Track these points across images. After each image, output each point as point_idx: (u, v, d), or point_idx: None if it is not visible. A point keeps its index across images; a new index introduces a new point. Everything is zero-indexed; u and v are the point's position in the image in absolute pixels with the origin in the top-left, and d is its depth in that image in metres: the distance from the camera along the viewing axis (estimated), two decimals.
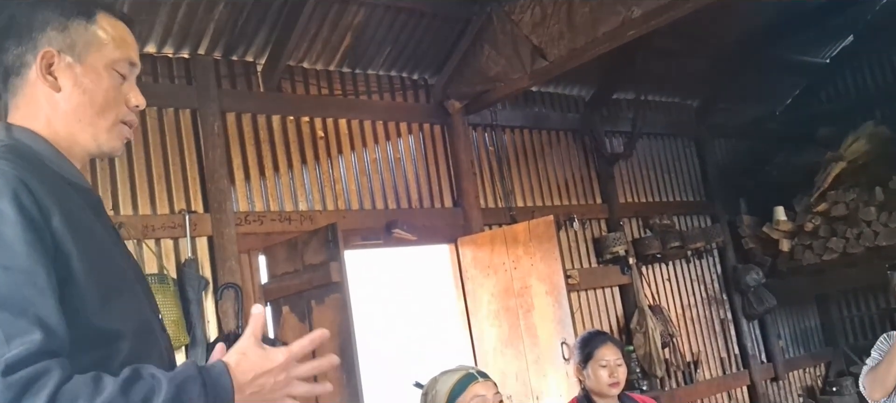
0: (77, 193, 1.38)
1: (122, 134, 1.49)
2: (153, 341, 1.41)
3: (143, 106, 1.52)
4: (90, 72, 1.43)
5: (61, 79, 1.41)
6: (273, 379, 1.32)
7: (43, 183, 1.28)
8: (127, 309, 1.35)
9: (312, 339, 1.39)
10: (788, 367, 8.37)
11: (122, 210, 4.56)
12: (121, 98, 1.47)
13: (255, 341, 1.33)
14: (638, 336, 6.84)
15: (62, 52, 1.41)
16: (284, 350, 1.34)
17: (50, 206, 1.25)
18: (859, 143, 7.36)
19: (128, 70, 1.50)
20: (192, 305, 4.56)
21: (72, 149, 1.44)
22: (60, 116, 1.41)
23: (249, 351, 1.31)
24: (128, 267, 1.46)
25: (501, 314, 5.82)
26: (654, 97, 8.02)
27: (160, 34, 4.79)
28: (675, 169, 8.19)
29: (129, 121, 1.50)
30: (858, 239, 7.17)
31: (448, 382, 2.55)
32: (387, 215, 5.68)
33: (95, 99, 1.43)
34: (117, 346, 1.28)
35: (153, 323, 1.44)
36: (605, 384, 3.39)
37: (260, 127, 5.28)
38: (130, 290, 1.40)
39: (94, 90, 1.43)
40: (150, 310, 1.46)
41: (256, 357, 1.31)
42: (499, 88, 5.97)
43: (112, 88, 1.45)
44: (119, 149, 1.50)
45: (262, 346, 1.33)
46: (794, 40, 8.22)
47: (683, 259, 7.67)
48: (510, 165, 6.64)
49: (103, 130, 1.45)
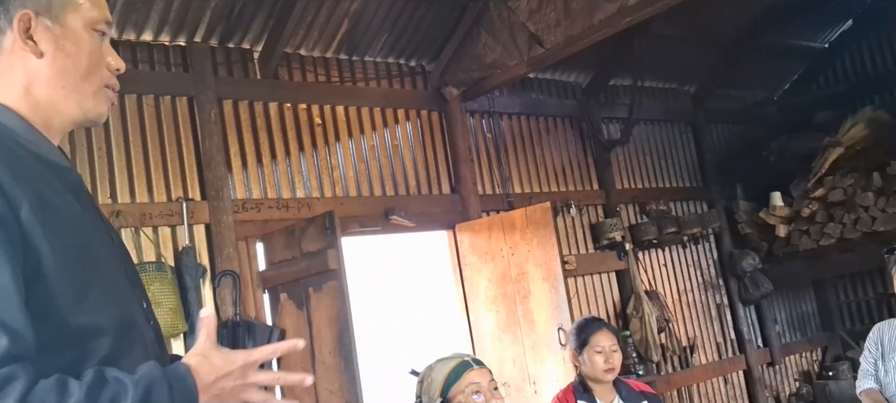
0: (54, 174, 1.30)
1: (108, 98, 1.42)
2: (136, 334, 1.33)
3: (123, 68, 1.44)
4: (70, 34, 1.35)
5: (42, 43, 1.32)
6: (232, 382, 1.28)
7: (13, 166, 1.20)
8: (107, 301, 1.27)
9: (276, 348, 1.37)
10: (785, 352, 8.41)
11: (120, 198, 4.58)
12: (103, 60, 1.40)
13: (212, 343, 1.30)
14: (634, 321, 6.87)
15: (39, 15, 1.32)
16: (244, 353, 1.31)
17: (18, 196, 1.17)
18: (857, 128, 7.36)
19: (106, 30, 1.42)
20: (190, 293, 4.58)
21: (52, 120, 1.35)
22: (42, 84, 1.32)
23: (209, 353, 1.28)
24: (110, 253, 1.37)
25: (499, 300, 5.84)
26: (651, 83, 8.01)
27: (156, 22, 4.79)
28: (672, 155, 8.20)
29: (112, 85, 1.43)
30: (856, 224, 7.18)
31: (443, 369, 2.57)
32: (384, 202, 5.69)
33: (79, 62, 1.35)
34: (95, 344, 1.21)
35: (137, 315, 1.36)
36: (600, 369, 3.41)
37: (257, 114, 5.28)
38: (112, 279, 1.32)
39: (78, 53, 1.35)
40: (134, 300, 1.38)
41: (217, 359, 1.28)
42: (496, 75, 5.97)
43: (94, 50, 1.38)
44: (105, 114, 1.42)
45: (221, 349, 1.30)
46: (792, 25, 8.20)
47: (680, 244, 7.70)
48: (508, 152, 6.65)
49: (89, 95, 1.37)
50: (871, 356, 3.87)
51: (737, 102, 8.93)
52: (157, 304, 4.30)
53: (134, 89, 4.75)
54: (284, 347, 1.38)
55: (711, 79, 8.39)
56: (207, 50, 5.09)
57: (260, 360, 1.32)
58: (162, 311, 4.32)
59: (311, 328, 4.76)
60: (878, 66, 8.94)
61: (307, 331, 4.78)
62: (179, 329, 4.47)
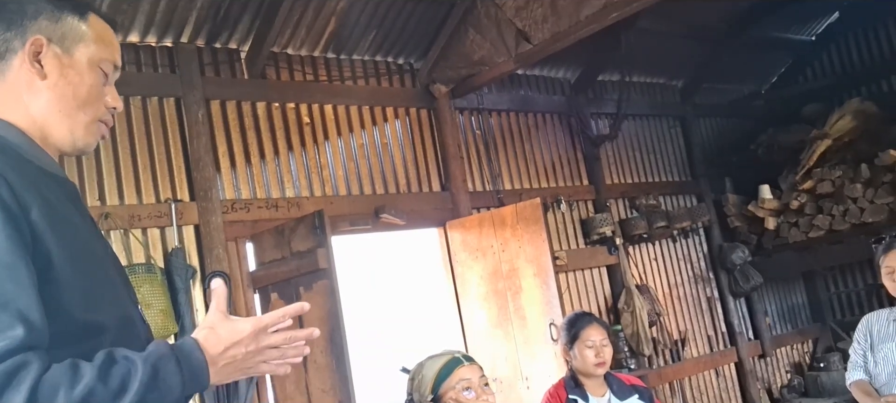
0: (55, 184, 1.38)
1: (99, 131, 1.50)
2: (134, 333, 1.41)
3: (120, 109, 1.54)
4: (76, 66, 1.44)
5: (47, 67, 1.41)
6: (244, 349, 1.34)
7: (21, 175, 1.28)
8: (109, 300, 1.35)
9: (286, 311, 1.42)
10: (776, 344, 8.45)
11: (109, 200, 4.56)
12: (101, 97, 1.49)
13: (221, 314, 1.36)
14: (625, 315, 6.89)
15: (52, 42, 1.42)
16: (253, 319, 1.36)
17: (29, 200, 1.24)
18: (845, 120, 7.40)
19: (111, 71, 1.52)
20: (180, 294, 4.56)
21: (46, 141, 1.43)
22: (41, 105, 1.41)
23: (217, 325, 1.34)
24: (106, 256, 1.46)
25: (490, 296, 5.85)
26: (639, 78, 8.04)
27: (143, 23, 4.77)
28: (661, 149, 8.22)
29: (106, 121, 1.52)
30: (844, 215, 7.22)
31: (434, 366, 2.57)
32: (374, 200, 5.69)
33: (79, 92, 1.43)
34: (100, 340, 1.28)
35: (133, 314, 1.44)
36: (591, 364, 3.42)
37: (245, 114, 5.27)
38: (111, 281, 1.40)
39: (79, 83, 1.43)
40: (129, 301, 1.46)
41: (225, 329, 1.33)
42: (484, 72, 5.97)
43: (95, 85, 1.47)
44: (92, 146, 1.50)
45: (230, 318, 1.35)
46: (779, 18, 8.22)
47: (670, 238, 7.72)
48: (497, 148, 6.65)
49: (81, 124, 1.45)
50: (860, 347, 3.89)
51: (725, 96, 8.96)
52: (148, 306, 4.29)
53: (121, 91, 4.56)
54: (292, 309, 1.43)
55: (699, 73, 8.42)
56: (194, 50, 5.07)
57: (270, 325, 1.38)
58: (152, 313, 4.31)
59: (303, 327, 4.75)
60: (865, 58, 8.97)
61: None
62: (170, 330, 4.46)
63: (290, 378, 4.82)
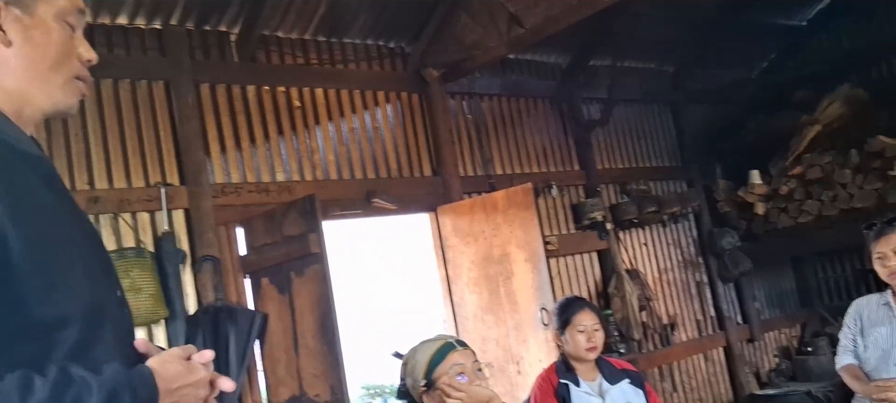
0: (26, 163, 1.29)
1: (78, 89, 1.41)
2: (106, 321, 1.31)
3: (95, 60, 1.43)
4: (40, 25, 1.33)
5: (10, 33, 1.30)
6: (195, 392, 1.30)
7: None
8: (77, 289, 1.26)
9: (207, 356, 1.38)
10: (764, 328, 8.50)
11: (98, 184, 4.53)
12: (73, 51, 1.39)
13: (181, 352, 1.33)
14: (616, 300, 6.91)
15: (9, 4, 1.31)
16: (206, 367, 1.34)
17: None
18: (835, 106, 7.41)
19: (76, 20, 1.40)
20: (171, 278, 4.55)
21: (23, 110, 1.34)
22: (11, 74, 1.31)
23: (173, 360, 1.30)
24: (84, 239, 1.36)
25: (481, 281, 5.85)
26: (630, 63, 8.02)
27: (132, 5, 4.72)
28: (652, 134, 8.23)
29: (83, 77, 1.42)
30: (834, 201, 7.25)
31: (427, 351, 2.56)
32: (366, 185, 5.67)
33: (48, 53, 1.34)
34: (62, 334, 1.20)
35: (110, 302, 1.35)
36: (582, 349, 3.42)
37: (235, 97, 5.23)
38: (83, 267, 1.30)
39: (47, 43, 1.34)
40: (107, 286, 1.36)
41: (181, 366, 1.29)
42: (476, 56, 5.95)
43: (64, 41, 1.36)
44: (75, 106, 1.41)
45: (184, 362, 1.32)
46: (770, 3, 8.21)
47: (660, 223, 7.74)
48: (489, 133, 6.64)
49: (58, 87, 1.36)
50: (850, 332, 3.90)
51: (715, 81, 8.94)
52: (137, 290, 4.27)
53: (110, 74, 4.69)
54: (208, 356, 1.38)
55: (690, 58, 8.41)
56: (184, 33, 5.03)
57: (207, 361, 1.36)
58: (142, 297, 4.29)
59: (294, 312, 4.75)
60: (856, 44, 8.98)
61: (290, 316, 4.77)
62: (160, 314, 4.45)
63: (282, 362, 4.82)
